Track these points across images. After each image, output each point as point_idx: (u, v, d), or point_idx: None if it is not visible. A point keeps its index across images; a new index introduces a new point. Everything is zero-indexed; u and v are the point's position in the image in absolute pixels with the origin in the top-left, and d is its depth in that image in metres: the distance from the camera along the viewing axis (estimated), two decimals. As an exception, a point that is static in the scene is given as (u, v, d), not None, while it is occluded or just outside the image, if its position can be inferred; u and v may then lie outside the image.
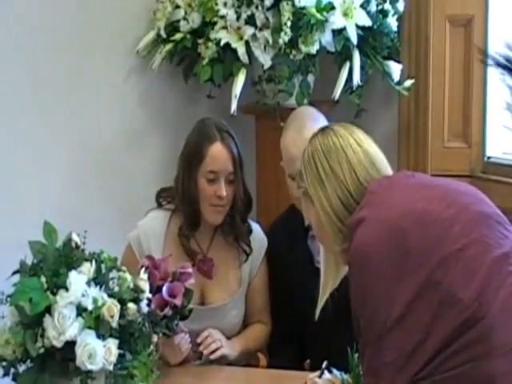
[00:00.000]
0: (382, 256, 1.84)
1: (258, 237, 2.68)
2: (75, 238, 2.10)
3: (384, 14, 3.33)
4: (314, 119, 2.70)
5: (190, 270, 2.37)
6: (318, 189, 2.04)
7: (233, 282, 2.63)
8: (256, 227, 2.70)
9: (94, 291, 2.03)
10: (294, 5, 3.14)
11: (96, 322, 2.00)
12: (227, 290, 2.60)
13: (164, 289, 2.29)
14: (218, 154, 2.53)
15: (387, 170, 2.08)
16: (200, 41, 3.30)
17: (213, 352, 2.46)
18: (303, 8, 3.15)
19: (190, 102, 3.50)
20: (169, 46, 3.37)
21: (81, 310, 1.99)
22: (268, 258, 2.69)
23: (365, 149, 2.07)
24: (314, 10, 3.15)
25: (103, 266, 2.10)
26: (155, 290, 2.28)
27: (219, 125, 2.60)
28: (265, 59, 3.21)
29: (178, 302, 2.29)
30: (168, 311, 2.29)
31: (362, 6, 3.24)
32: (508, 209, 3.13)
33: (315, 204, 2.06)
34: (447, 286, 1.78)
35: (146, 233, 2.60)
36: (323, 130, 2.15)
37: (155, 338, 2.34)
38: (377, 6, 3.31)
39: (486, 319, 1.74)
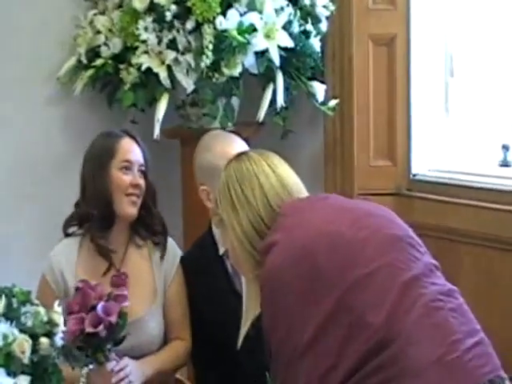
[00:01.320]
0: (291, 280, 1.83)
1: (171, 248, 2.67)
2: (-17, 273, 2.06)
3: (306, 34, 3.33)
4: (232, 135, 2.74)
5: (125, 292, 2.34)
6: (231, 215, 2.04)
7: (147, 293, 2.59)
8: (169, 239, 2.69)
9: (4, 327, 1.98)
10: (215, 28, 3.12)
11: (6, 359, 1.94)
12: (143, 302, 2.56)
13: (99, 307, 2.26)
14: (129, 146, 2.61)
15: (301, 193, 2.07)
16: (122, 66, 3.27)
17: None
18: (225, 31, 3.13)
19: (114, 128, 3.45)
20: (90, 72, 3.33)
21: (-10, 348, 1.94)
22: (186, 284, 2.67)
23: (278, 173, 2.06)
24: (235, 33, 3.14)
25: (15, 300, 2.05)
26: (89, 309, 2.26)
27: (122, 129, 2.70)
28: (187, 83, 3.19)
29: (112, 319, 2.26)
30: (102, 330, 2.24)
31: (283, 27, 3.24)
32: (434, 225, 3.21)
33: (228, 230, 2.04)
34: (357, 310, 1.77)
35: (58, 260, 2.58)
36: (238, 156, 2.15)
37: (85, 370, 2.32)
38: (299, 27, 3.31)
39: (396, 342, 1.73)
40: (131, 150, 2.60)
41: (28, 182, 3.36)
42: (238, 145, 2.66)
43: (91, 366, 2.29)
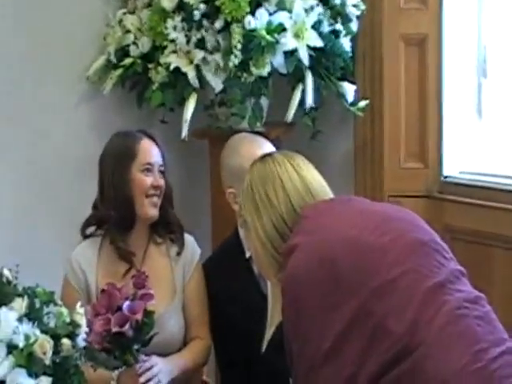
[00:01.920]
0: (312, 286, 1.80)
1: (190, 245, 2.67)
2: (6, 273, 2.05)
3: (336, 34, 3.30)
4: (259, 137, 2.72)
5: (151, 291, 2.34)
6: (254, 217, 2.02)
7: (167, 291, 2.59)
8: (189, 237, 2.69)
9: (26, 328, 1.97)
10: (244, 27, 3.10)
11: (28, 360, 1.93)
12: (162, 300, 2.54)
13: (124, 306, 2.25)
14: (149, 148, 2.61)
15: (325, 195, 2.04)
16: (150, 65, 3.26)
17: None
18: (254, 30, 3.11)
19: (143, 127, 3.44)
20: (119, 71, 3.33)
21: (11, 348, 1.93)
22: (210, 287, 2.66)
23: (302, 175, 2.03)
24: (264, 32, 3.11)
25: (37, 300, 2.04)
26: (115, 309, 2.25)
27: (139, 129, 2.70)
28: (216, 83, 3.18)
29: (138, 317, 2.25)
30: (128, 329, 2.23)
31: (313, 26, 3.21)
32: (465, 228, 3.16)
33: (251, 233, 2.02)
34: (379, 317, 1.73)
35: (78, 261, 2.59)
36: (262, 157, 2.13)
37: (115, 372, 2.32)
38: (329, 26, 3.27)
39: (419, 351, 1.69)
40: (152, 152, 2.61)
41: (58, 183, 3.36)
42: (266, 147, 2.64)
43: (121, 369, 2.28)
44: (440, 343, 1.70)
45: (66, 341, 2.01)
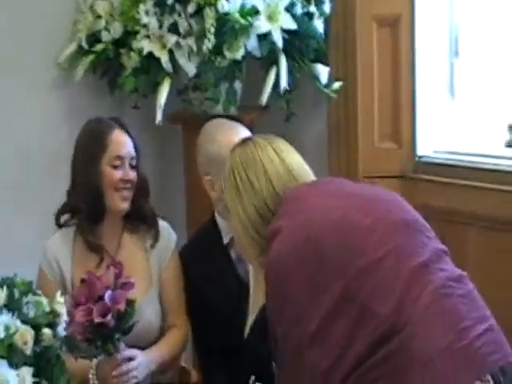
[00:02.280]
0: (296, 268, 1.80)
1: (166, 232, 2.65)
2: (-16, 263, 2.03)
3: (309, 16, 3.29)
4: (236, 123, 2.69)
5: (132, 280, 2.32)
6: (235, 200, 2.02)
7: (143, 280, 2.57)
8: (164, 223, 2.67)
9: (6, 318, 1.95)
10: (217, 11, 3.09)
11: (8, 351, 1.92)
12: (138, 289, 2.52)
13: (106, 296, 2.24)
14: (120, 139, 2.56)
15: (307, 177, 2.05)
16: (122, 51, 3.24)
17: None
18: (227, 14, 3.10)
19: (116, 113, 3.40)
20: (91, 57, 3.30)
21: (-8, 339, 1.92)
22: (187, 273, 2.65)
23: (283, 158, 2.04)
24: (237, 16, 3.10)
25: (16, 290, 2.03)
26: (96, 299, 2.24)
27: (112, 117, 2.64)
28: (189, 67, 3.16)
29: (121, 307, 2.24)
30: (110, 320, 2.22)
31: (286, 9, 3.20)
32: (440, 207, 3.18)
33: (233, 217, 2.02)
34: (364, 299, 1.74)
35: (53, 251, 2.58)
36: (243, 141, 2.13)
37: (94, 361, 2.32)
38: (302, 8, 3.27)
39: (404, 331, 1.71)
40: (122, 144, 2.55)
41: (28, 170, 3.33)
42: (243, 133, 2.62)
43: (100, 358, 2.28)
44: (425, 322, 1.72)
45: (46, 330, 2.00)
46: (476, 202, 3.12)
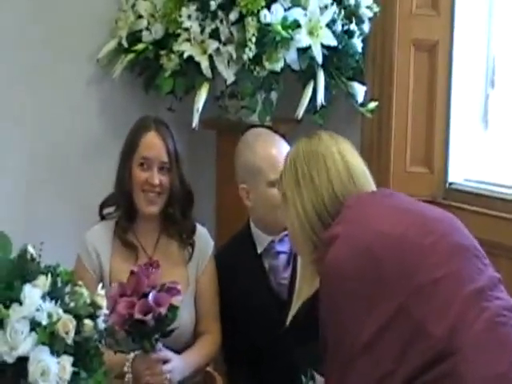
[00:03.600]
0: (353, 280, 1.80)
1: (204, 238, 2.66)
2: (31, 250, 2.01)
3: (350, 34, 3.30)
4: (274, 134, 2.71)
5: (179, 287, 2.33)
6: (294, 193, 2.01)
7: (180, 282, 2.54)
8: (202, 229, 2.67)
9: (49, 306, 1.94)
10: (259, 21, 3.10)
11: (50, 338, 1.91)
12: None
13: (150, 295, 2.24)
14: (151, 141, 2.56)
15: (367, 184, 2.03)
16: (162, 52, 3.24)
17: None
18: (269, 24, 3.11)
19: (150, 114, 3.43)
20: (130, 56, 3.30)
21: (35, 325, 1.90)
22: (219, 281, 2.66)
23: (346, 160, 2.02)
24: (279, 28, 3.11)
25: (59, 279, 2.02)
26: (141, 295, 2.25)
27: (158, 118, 2.65)
28: (228, 74, 3.16)
29: (162, 310, 2.24)
30: (150, 320, 2.22)
31: (327, 25, 3.21)
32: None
33: (290, 208, 2.01)
34: (419, 318, 1.74)
35: (93, 242, 2.58)
36: (310, 135, 2.11)
37: (131, 355, 2.32)
38: (342, 26, 3.28)
39: (456, 355, 1.71)
40: (152, 147, 2.55)
41: (65, 165, 3.33)
42: (281, 145, 2.63)
43: (137, 352, 2.27)
44: (478, 348, 1.71)
45: (88, 321, 1.98)
46: (503, 233, 3.12)
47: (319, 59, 3.19)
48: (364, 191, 2.00)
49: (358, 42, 3.33)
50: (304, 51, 3.18)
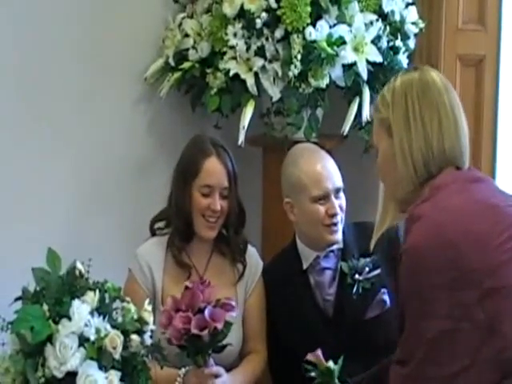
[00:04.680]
0: (433, 266, 1.79)
1: (254, 258, 2.67)
2: (79, 266, 2.07)
3: (395, 50, 3.30)
4: (319, 150, 2.74)
5: (233, 302, 2.36)
6: (401, 130, 1.95)
7: None
8: (252, 249, 2.69)
9: (97, 321, 1.98)
10: (304, 38, 3.11)
11: (98, 353, 1.96)
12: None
13: (207, 311, 2.27)
14: (213, 168, 2.56)
15: (466, 153, 1.99)
16: (208, 70, 3.27)
17: None
18: (314, 41, 3.12)
19: (197, 131, 3.42)
20: (177, 75, 3.33)
21: (83, 340, 1.95)
22: (266, 294, 2.68)
23: (456, 118, 1.98)
24: (324, 44, 3.12)
25: (107, 295, 2.06)
26: (196, 310, 2.27)
27: (214, 140, 2.64)
28: (274, 91, 3.18)
29: (218, 325, 2.27)
30: (206, 335, 2.25)
31: (373, 41, 3.22)
32: None
33: (395, 142, 1.95)
34: (495, 317, 1.75)
35: (146, 258, 2.59)
36: (420, 71, 2.03)
37: (182, 370, 2.36)
38: (388, 42, 3.28)
39: None
40: (214, 174, 2.55)
41: (112, 182, 3.36)
42: (325, 161, 2.65)
43: (187, 368, 2.29)
44: None
45: (135, 337, 2.03)
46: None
47: (364, 75, 3.19)
48: (462, 161, 1.96)
49: (403, 58, 3.32)
50: (349, 67, 3.18)
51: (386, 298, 2.58)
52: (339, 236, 2.62)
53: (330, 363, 2.21)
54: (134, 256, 2.61)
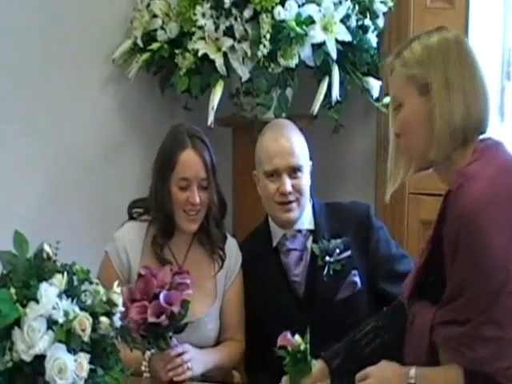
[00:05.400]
0: (499, 220, 1.82)
1: (235, 249, 2.65)
2: (47, 248, 2.03)
3: (364, 29, 3.30)
4: (291, 126, 2.72)
5: (188, 280, 2.34)
6: (442, 92, 1.95)
7: (208, 294, 2.58)
8: (233, 241, 2.67)
9: (66, 304, 1.96)
10: (273, 17, 3.10)
11: (67, 336, 1.92)
12: (203, 302, 2.55)
13: (161, 296, 2.26)
14: (189, 161, 2.52)
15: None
16: (177, 51, 3.25)
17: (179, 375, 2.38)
18: (283, 21, 3.11)
19: (166, 113, 3.44)
20: (145, 56, 3.32)
21: (51, 323, 1.92)
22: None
23: (484, 84, 2.04)
24: (293, 24, 3.11)
25: (75, 278, 2.03)
26: (152, 297, 2.26)
27: (192, 131, 2.59)
28: (243, 72, 3.17)
29: (175, 309, 2.26)
30: (164, 320, 2.25)
31: (342, 21, 3.21)
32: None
33: (435, 104, 1.96)
34: None
35: (124, 244, 2.57)
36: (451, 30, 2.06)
37: (147, 354, 2.35)
38: (357, 21, 3.28)
39: None
40: (189, 166, 2.51)
41: (81, 165, 3.34)
42: (286, 138, 2.61)
43: (153, 351, 2.29)
44: None
45: (104, 319, 1.99)
46: None
47: (334, 55, 3.19)
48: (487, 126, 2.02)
49: (372, 37, 3.32)
50: (318, 47, 3.18)
51: (357, 279, 2.58)
52: (294, 215, 2.59)
53: (297, 338, 2.20)
54: (112, 239, 2.58)
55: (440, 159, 1.98)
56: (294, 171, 2.58)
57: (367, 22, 3.31)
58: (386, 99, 3.31)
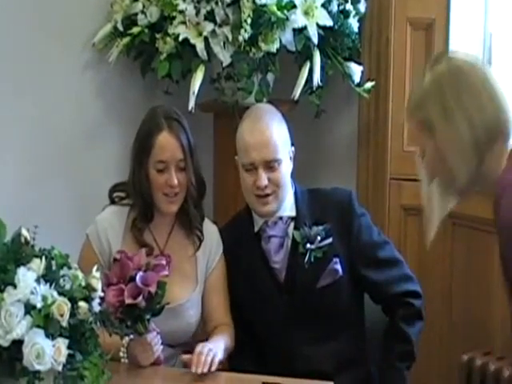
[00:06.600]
0: None
1: (215, 236, 2.64)
2: (25, 233, 2.02)
3: (345, 14, 3.30)
4: (271, 113, 2.67)
5: (163, 261, 2.34)
6: (441, 121, 1.94)
7: (189, 279, 2.57)
8: (213, 226, 2.66)
9: (44, 289, 1.95)
10: (254, 2, 3.09)
11: (45, 321, 1.92)
12: (184, 288, 2.54)
13: (137, 277, 2.25)
14: (165, 143, 2.50)
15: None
16: (158, 35, 3.23)
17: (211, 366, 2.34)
18: (264, 5, 3.10)
19: (147, 97, 3.42)
20: (126, 40, 3.29)
21: (29, 308, 1.92)
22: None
23: (491, 90, 2.00)
24: (274, 8, 3.11)
25: (54, 262, 2.03)
26: (128, 280, 2.26)
27: (168, 113, 2.56)
28: (224, 56, 3.16)
29: (152, 289, 2.25)
30: (141, 301, 2.24)
31: (323, 5, 3.21)
32: (466, 215, 3.17)
33: (438, 136, 1.95)
34: None
35: (105, 228, 2.56)
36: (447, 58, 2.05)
37: (125, 339, 2.33)
38: (338, 6, 3.28)
39: None
40: (166, 148, 2.49)
41: (61, 149, 3.32)
42: (262, 131, 2.56)
43: (131, 336, 2.28)
44: None
45: (82, 304, 1.99)
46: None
47: (315, 40, 3.18)
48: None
49: (353, 22, 3.32)
50: (300, 32, 3.18)
51: (338, 267, 2.56)
52: (271, 208, 2.57)
53: None
54: (94, 223, 2.57)
55: (471, 178, 1.96)
56: (270, 164, 2.54)
57: (348, 6, 3.31)
58: (368, 84, 3.32)
